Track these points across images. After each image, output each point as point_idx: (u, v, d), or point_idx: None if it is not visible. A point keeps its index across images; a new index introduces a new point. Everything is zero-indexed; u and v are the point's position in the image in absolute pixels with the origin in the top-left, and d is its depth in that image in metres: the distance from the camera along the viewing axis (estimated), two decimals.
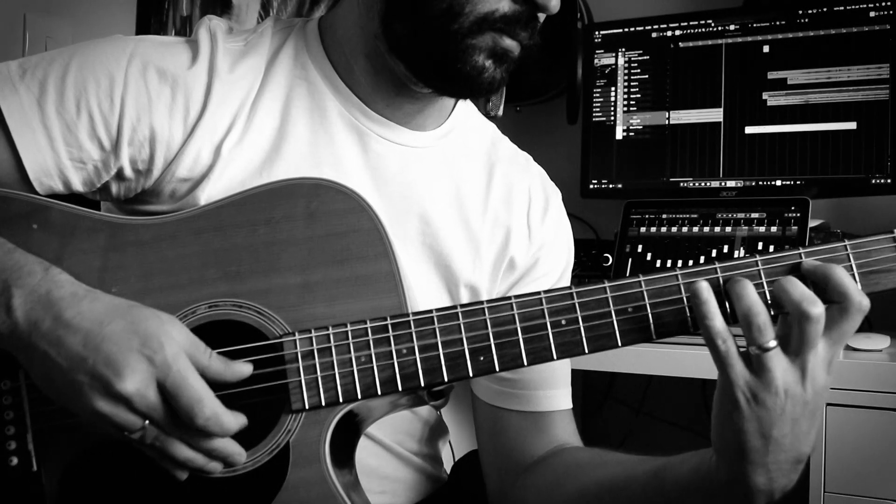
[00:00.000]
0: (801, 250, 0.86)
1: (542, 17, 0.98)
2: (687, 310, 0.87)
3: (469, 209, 1.10)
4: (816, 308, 0.80)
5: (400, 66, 0.99)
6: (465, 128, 1.13)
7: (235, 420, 0.84)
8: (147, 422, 0.82)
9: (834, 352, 0.83)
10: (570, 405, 1.14)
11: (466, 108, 1.15)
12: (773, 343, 0.81)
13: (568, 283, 1.18)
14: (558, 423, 1.12)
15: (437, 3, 0.94)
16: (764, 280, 0.86)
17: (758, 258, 0.86)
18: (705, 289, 0.83)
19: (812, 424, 0.84)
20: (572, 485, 1.03)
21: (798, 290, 0.81)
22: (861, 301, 0.81)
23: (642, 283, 0.87)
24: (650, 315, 0.87)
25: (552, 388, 1.12)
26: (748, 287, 0.82)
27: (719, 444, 0.85)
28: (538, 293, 0.88)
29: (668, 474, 0.93)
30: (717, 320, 0.83)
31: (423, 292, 1.05)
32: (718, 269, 0.86)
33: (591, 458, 1.07)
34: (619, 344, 0.87)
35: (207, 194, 0.99)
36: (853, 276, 0.85)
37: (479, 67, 0.95)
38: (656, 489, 0.93)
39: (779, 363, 0.81)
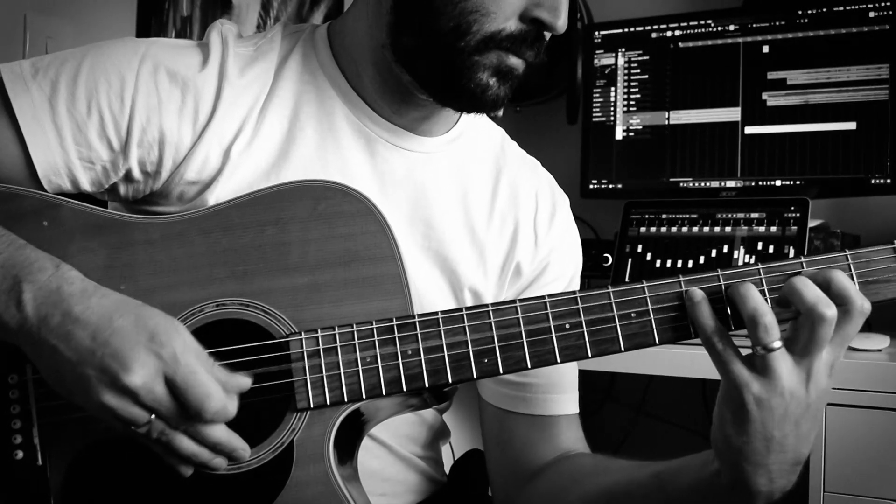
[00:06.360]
0: (803, 259, 0.87)
1: (548, 35, 0.98)
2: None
3: (475, 215, 1.10)
4: (830, 310, 0.81)
5: (406, 75, 1.00)
6: (474, 132, 1.14)
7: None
8: (153, 416, 0.83)
9: (836, 355, 0.84)
10: (576, 410, 1.14)
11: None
12: (778, 343, 0.82)
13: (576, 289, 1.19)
14: (564, 428, 1.13)
15: (444, 21, 0.94)
16: (766, 287, 0.86)
17: (760, 266, 0.87)
18: (697, 291, 0.85)
19: (812, 427, 0.85)
20: (576, 493, 1.04)
21: (812, 291, 0.81)
22: (863, 304, 0.82)
23: (646, 290, 0.88)
24: (653, 321, 0.88)
25: (560, 392, 1.12)
26: (752, 289, 0.83)
27: (721, 446, 0.86)
28: (543, 297, 0.89)
29: (669, 478, 0.94)
30: (711, 320, 0.85)
31: (429, 296, 1.06)
32: (721, 277, 0.87)
33: (594, 464, 1.07)
34: (622, 349, 0.88)
35: (216, 197, 0.99)
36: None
37: (483, 85, 0.96)
38: (659, 492, 0.94)
39: (784, 364, 0.82)
